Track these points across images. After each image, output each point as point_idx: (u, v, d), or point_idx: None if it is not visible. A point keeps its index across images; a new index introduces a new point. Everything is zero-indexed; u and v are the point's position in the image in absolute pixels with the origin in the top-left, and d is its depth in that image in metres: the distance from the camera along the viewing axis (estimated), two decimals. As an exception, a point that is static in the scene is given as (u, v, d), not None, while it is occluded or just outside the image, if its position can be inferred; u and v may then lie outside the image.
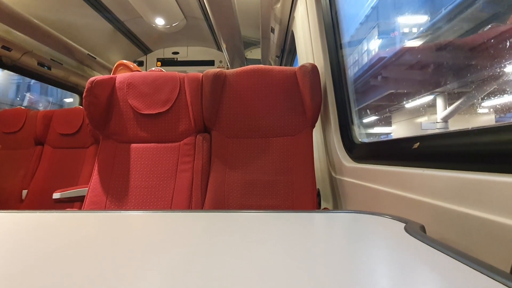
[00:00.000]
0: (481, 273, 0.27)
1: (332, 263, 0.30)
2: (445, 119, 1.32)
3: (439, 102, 1.40)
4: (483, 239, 0.42)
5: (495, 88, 0.87)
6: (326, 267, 0.29)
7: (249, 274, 0.27)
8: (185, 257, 0.32)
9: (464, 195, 0.46)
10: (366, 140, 1.07)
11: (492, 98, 0.90)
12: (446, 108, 1.37)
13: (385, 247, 0.36)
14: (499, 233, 0.39)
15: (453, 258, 0.30)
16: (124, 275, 0.28)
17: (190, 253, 0.34)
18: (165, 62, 3.56)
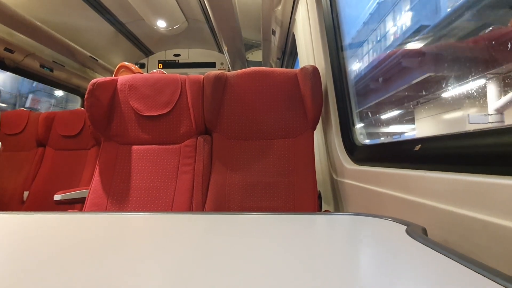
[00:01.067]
0: (484, 276, 0.26)
1: (334, 265, 0.30)
2: (500, 111, 1.08)
3: (491, 88, 1.10)
4: (485, 242, 0.42)
5: None
6: (328, 270, 0.29)
7: (250, 276, 0.27)
8: (186, 258, 0.32)
9: (466, 197, 0.46)
10: (367, 142, 1.07)
11: None
12: (501, 97, 1.09)
13: (386, 249, 0.36)
14: (502, 235, 0.39)
15: (455, 261, 0.30)
16: (125, 276, 0.28)
17: (191, 254, 0.34)
18: (166, 64, 3.58)
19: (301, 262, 0.31)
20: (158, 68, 3.55)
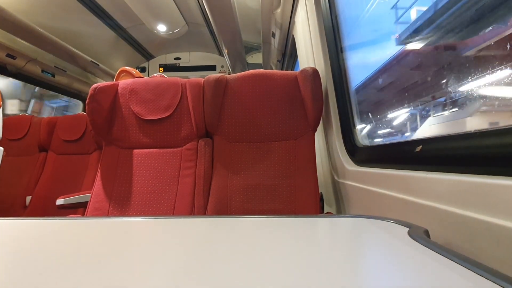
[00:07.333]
0: (486, 278, 0.26)
1: (336, 268, 0.30)
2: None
3: None
4: (488, 244, 0.41)
5: None
6: (330, 272, 0.29)
7: (252, 280, 0.27)
8: (187, 262, 0.32)
9: (469, 198, 0.46)
10: (368, 143, 1.06)
11: None
12: None
13: (388, 251, 0.36)
14: (505, 237, 0.39)
15: (457, 263, 0.30)
16: (127, 281, 0.28)
17: (193, 258, 0.34)
18: (167, 68, 3.60)
19: (303, 265, 0.31)
20: (159, 71, 3.57)
